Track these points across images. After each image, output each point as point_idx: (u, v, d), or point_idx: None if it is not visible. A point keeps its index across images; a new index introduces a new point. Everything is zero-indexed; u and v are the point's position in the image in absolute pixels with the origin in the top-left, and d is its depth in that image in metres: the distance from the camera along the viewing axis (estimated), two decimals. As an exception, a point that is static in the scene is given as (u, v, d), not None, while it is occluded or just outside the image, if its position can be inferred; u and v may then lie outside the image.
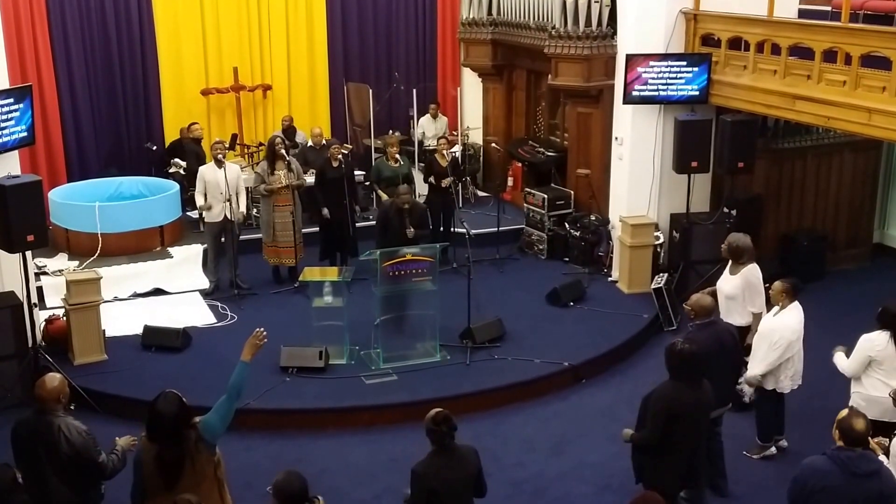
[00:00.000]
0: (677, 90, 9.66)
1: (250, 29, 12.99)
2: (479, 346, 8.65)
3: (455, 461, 4.90)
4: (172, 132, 12.49)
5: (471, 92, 13.68)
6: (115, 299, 9.69)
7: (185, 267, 10.48)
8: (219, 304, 9.74)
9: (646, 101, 9.81)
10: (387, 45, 13.86)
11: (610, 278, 10.43)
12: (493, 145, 12.85)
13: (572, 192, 11.29)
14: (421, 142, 12.79)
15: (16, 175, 7.74)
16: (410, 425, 7.44)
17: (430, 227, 10.04)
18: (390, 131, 13.08)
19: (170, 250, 10.71)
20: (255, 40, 13.05)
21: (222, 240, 9.99)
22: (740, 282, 7.34)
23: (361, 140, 13.21)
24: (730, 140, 9.41)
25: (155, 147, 12.38)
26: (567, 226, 11.01)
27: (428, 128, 12.92)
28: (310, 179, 10.63)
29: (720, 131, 9.64)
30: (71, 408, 5.32)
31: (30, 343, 7.96)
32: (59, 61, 11.66)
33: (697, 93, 9.63)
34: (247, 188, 10.48)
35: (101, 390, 7.87)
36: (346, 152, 11.18)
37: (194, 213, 11.28)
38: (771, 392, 6.87)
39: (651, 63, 9.61)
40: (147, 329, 8.80)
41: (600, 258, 10.66)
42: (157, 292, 10.01)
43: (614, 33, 10.44)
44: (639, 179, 10.09)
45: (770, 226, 10.55)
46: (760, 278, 7.37)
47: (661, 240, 10.19)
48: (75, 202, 10.82)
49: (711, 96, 9.64)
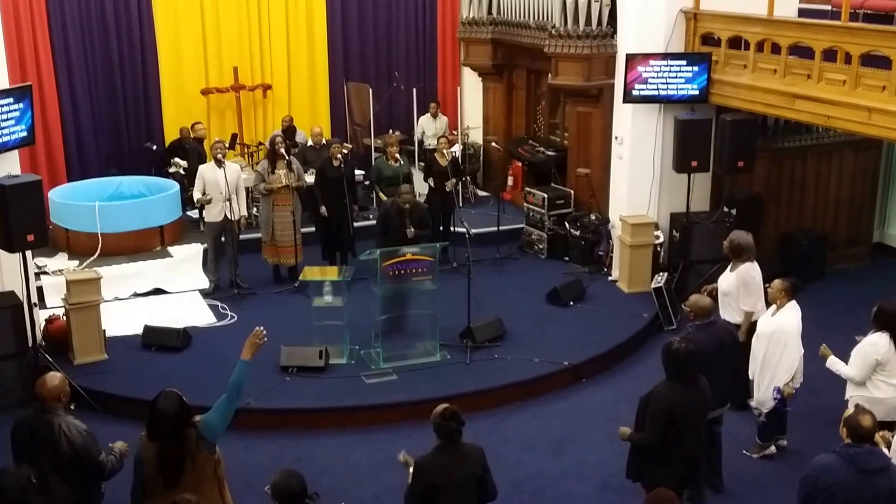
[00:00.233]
0: (677, 89, 9.66)
1: (250, 28, 12.99)
2: (479, 345, 8.66)
3: (459, 458, 4.88)
4: (172, 132, 12.49)
5: (471, 91, 13.68)
6: (116, 299, 9.69)
7: (185, 266, 10.48)
8: (219, 304, 9.75)
9: (646, 100, 9.81)
10: (387, 45, 13.86)
11: (610, 278, 10.43)
12: (493, 145, 12.84)
13: (572, 192, 11.29)
14: (421, 141, 12.80)
15: (16, 175, 7.74)
16: (410, 425, 7.45)
17: (431, 226, 10.03)
18: (390, 131, 13.08)
19: (170, 250, 10.71)
20: (255, 40, 13.05)
21: (222, 239, 9.99)
22: (736, 279, 7.37)
23: (361, 139, 13.21)
24: (730, 139, 9.41)
25: (155, 147, 12.37)
26: (567, 225, 11.02)
27: (428, 127, 12.92)
28: (310, 179, 10.63)
29: (720, 130, 9.63)
30: (71, 407, 5.32)
31: (30, 343, 7.96)
32: (59, 61, 11.66)
33: (697, 92, 9.64)
34: (246, 188, 10.48)
35: (102, 390, 7.88)
36: (346, 151, 11.18)
37: (194, 213, 11.28)
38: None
39: (651, 62, 9.61)
40: (147, 329, 8.80)
41: (600, 257, 10.66)
42: (158, 292, 10.02)
43: (614, 32, 10.44)
44: (639, 179, 10.09)
45: (770, 225, 10.54)
46: (756, 277, 7.37)
47: (661, 239, 10.20)
48: (75, 202, 10.82)
49: (711, 95, 9.64)
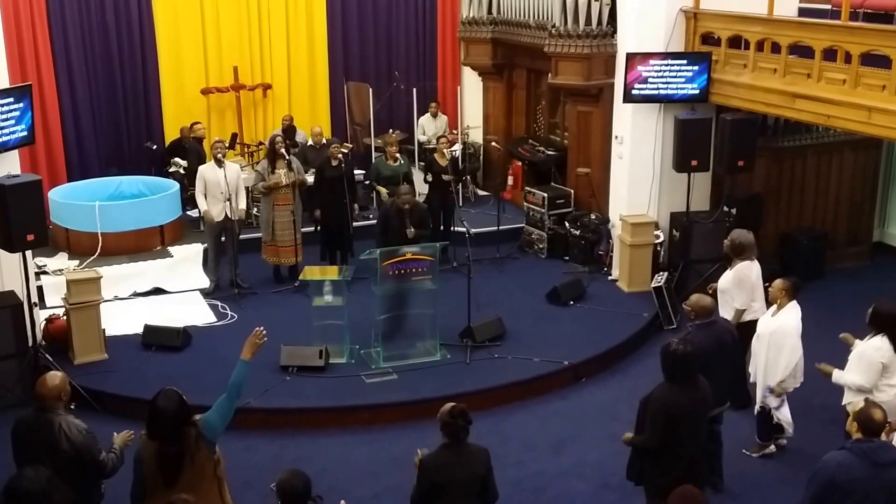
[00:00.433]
0: (677, 89, 9.66)
1: (250, 28, 12.99)
2: (479, 344, 8.65)
3: (464, 458, 4.87)
4: (172, 131, 12.49)
5: (471, 91, 13.68)
6: (116, 298, 9.70)
7: (185, 266, 10.48)
8: (219, 304, 9.75)
9: (646, 99, 9.81)
10: (387, 44, 13.86)
11: (610, 277, 10.43)
12: (494, 144, 12.84)
13: (572, 191, 11.29)
14: (421, 141, 12.79)
15: (16, 174, 7.74)
16: (410, 424, 7.46)
17: (431, 226, 10.02)
18: (390, 130, 13.08)
19: (170, 249, 10.71)
20: (255, 39, 13.05)
21: (222, 239, 9.99)
22: (732, 276, 7.39)
23: (362, 139, 13.21)
24: (730, 139, 9.41)
25: (155, 146, 12.38)
26: (567, 225, 11.02)
27: (428, 126, 12.92)
28: (310, 178, 10.63)
29: (720, 130, 9.63)
30: (72, 407, 5.31)
31: (30, 342, 7.97)
32: (59, 61, 11.67)
33: (697, 91, 9.64)
34: (246, 187, 10.48)
35: (102, 389, 7.88)
36: (345, 151, 11.18)
37: (194, 213, 11.28)
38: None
39: (651, 62, 9.61)
40: (147, 328, 8.80)
41: (600, 257, 10.66)
42: (158, 291, 10.02)
43: (614, 32, 10.44)
44: (639, 178, 10.09)
45: (770, 224, 10.54)
46: (752, 276, 7.37)
47: (660, 238, 10.20)
48: (75, 202, 10.83)
49: (711, 95, 9.64)
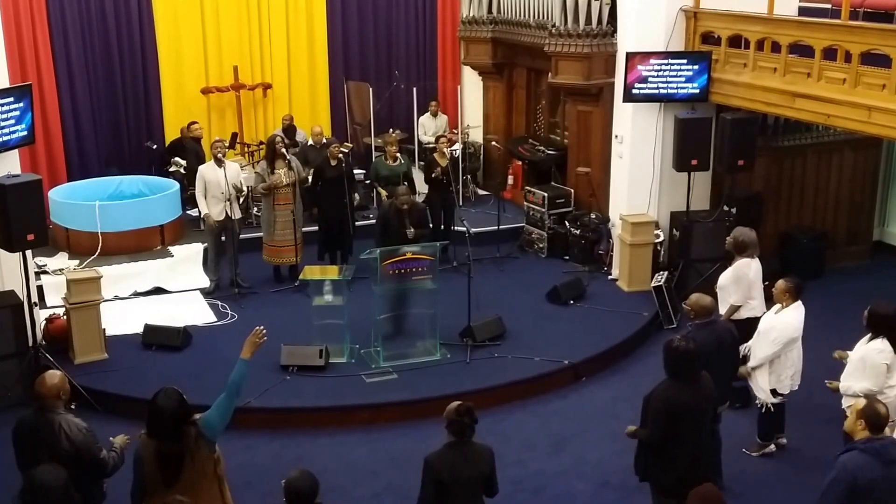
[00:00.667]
0: (677, 88, 9.66)
1: (250, 27, 12.98)
2: (480, 344, 8.65)
3: (468, 457, 4.87)
4: (173, 131, 12.49)
5: (471, 90, 13.67)
6: (116, 298, 9.70)
7: (185, 266, 10.49)
8: (219, 303, 9.75)
9: (646, 99, 9.81)
10: (387, 44, 13.86)
11: (610, 276, 10.43)
12: (494, 143, 12.85)
13: (572, 191, 11.29)
14: (423, 141, 12.79)
15: (16, 174, 7.74)
16: (411, 423, 7.47)
17: (431, 225, 10.03)
18: (390, 130, 13.08)
19: (170, 249, 10.71)
20: (256, 39, 13.05)
21: (223, 238, 9.98)
22: (731, 273, 7.40)
23: (362, 139, 13.21)
24: (730, 138, 9.40)
25: (155, 146, 12.38)
26: (567, 224, 11.01)
27: (428, 126, 12.92)
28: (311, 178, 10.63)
29: (720, 129, 9.63)
30: (72, 407, 5.32)
31: (30, 342, 7.97)
32: (59, 61, 11.66)
33: (697, 91, 9.63)
34: (247, 187, 10.48)
35: (102, 389, 7.88)
36: (345, 151, 11.17)
37: (195, 212, 11.28)
38: (771, 391, 6.87)
39: (651, 61, 9.61)
40: (147, 328, 8.80)
41: (600, 256, 10.66)
42: (158, 291, 10.02)
43: (614, 31, 10.44)
44: (639, 177, 10.09)
45: (770, 223, 10.53)
46: (750, 273, 7.37)
47: (661, 238, 10.20)
48: (75, 201, 10.82)
49: (711, 94, 9.63)
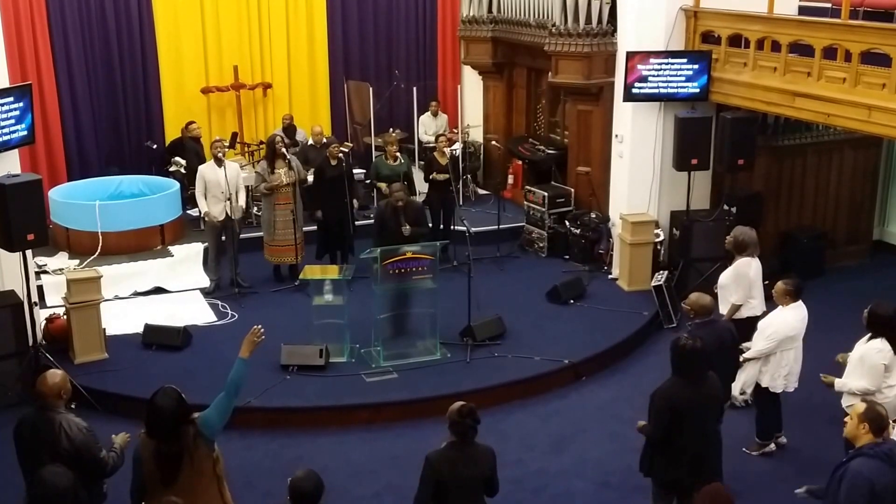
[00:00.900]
0: (677, 87, 9.65)
1: (250, 27, 12.98)
2: (480, 343, 8.65)
3: (470, 457, 4.87)
4: (173, 131, 12.48)
5: (471, 90, 13.67)
6: (116, 298, 9.70)
7: (185, 265, 10.49)
8: (219, 303, 9.75)
9: (646, 98, 9.81)
10: (387, 43, 13.85)
11: (610, 276, 10.43)
12: (494, 143, 12.85)
13: (572, 190, 11.29)
14: (424, 141, 12.79)
15: (16, 174, 7.73)
16: (411, 423, 7.47)
17: (430, 224, 10.01)
18: (391, 129, 13.08)
19: (170, 249, 10.71)
20: (256, 38, 13.04)
21: (223, 238, 9.98)
22: (731, 272, 7.40)
23: (362, 138, 13.21)
24: (730, 137, 9.41)
25: (155, 146, 12.38)
26: (567, 223, 11.01)
27: (428, 125, 12.92)
28: (311, 178, 10.63)
29: (720, 128, 9.63)
30: (72, 406, 5.31)
31: (30, 342, 7.97)
32: (59, 61, 11.66)
33: (698, 90, 9.63)
34: (246, 187, 10.48)
35: (102, 389, 7.88)
36: (346, 150, 11.17)
37: (195, 212, 11.28)
38: (765, 389, 6.87)
39: (651, 60, 9.61)
40: (148, 327, 8.80)
41: (600, 256, 10.66)
42: (158, 291, 10.02)
43: (614, 31, 10.44)
44: (639, 177, 10.09)
45: (770, 223, 10.52)
46: (750, 272, 7.38)
47: (661, 237, 10.19)
48: (76, 201, 10.82)
49: (711, 93, 9.63)
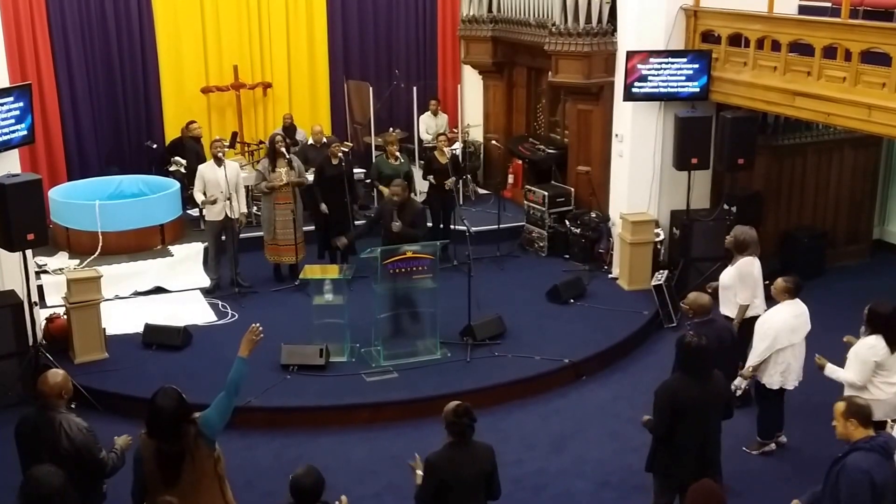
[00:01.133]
0: (677, 87, 9.65)
1: (250, 27, 12.98)
2: (480, 343, 8.66)
3: (470, 456, 4.88)
4: (173, 130, 12.49)
5: (471, 89, 13.67)
6: (116, 298, 9.70)
7: (185, 265, 10.49)
8: (219, 303, 9.75)
9: (646, 97, 9.81)
10: (387, 43, 13.86)
11: (610, 275, 10.43)
12: (494, 142, 12.85)
13: (573, 189, 11.29)
14: (421, 139, 12.79)
15: (16, 174, 7.73)
16: (411, 422, 7.47)
17: (429, 224, 9.98)
18: (391, 129, 13.08)
19: (170, 248, 10.72)
20: (256, 38, 13.04)
21: (223, 238, 9.98)
22: (735, 272, 7.39)
23: (362, 138, 13.21)
24: (730, 137, 9.41)
25: (155, 145, 12.39)
26: (567, 223, 11.02)
27: (429, 125, 12.92)
28: (311, 177, 10.63)
29: (720, 128, 9.63)
30: (72, 406, 5.32)
31: (30, 341, 7.97)
32: (59, 61, 11.66)
33: (698, 89, 9.63)
34: (246, 187, 10.48)
35: (102, 388, 7.89)
36: (346, 150, 11.17)
37: (195, 212, 11.29)
38: (762, 386, 6.87)
39: (651, 60, 9.61)
40: (148, 327, 8.80)
41: (601, 255, 10.67)
42: (158, 290, 10.02)
43: (614, 30, 10.44)
44: (639, 176, 10.09)
45: (770, 222, 10.53)
46: (755, 272, 7.38)
47: (661, 237, 10.20)
48: (76, 201, 10.82)
49: (711, 93, 9.63)
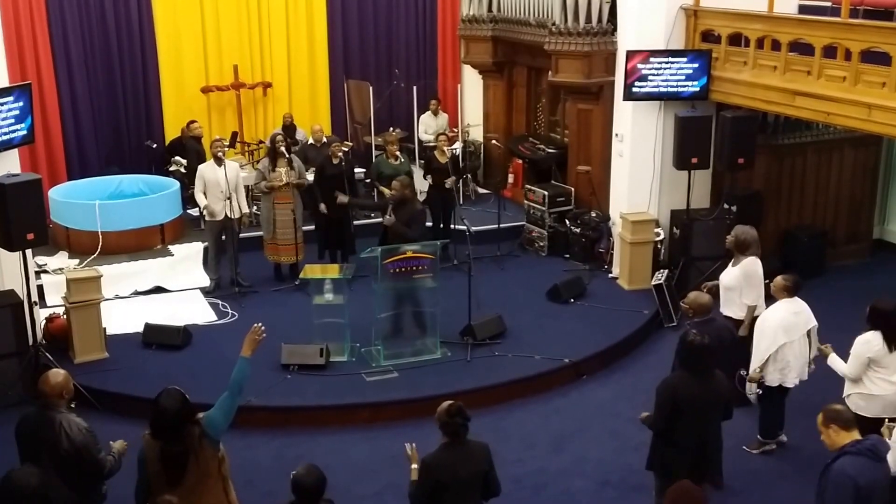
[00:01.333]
0: (677, 86, 9.65)
1: (250, 26, 12.99)
2: (480, 342, 8.65)
3: (466, 455, 4.88)
4: (173, 130, 12.49)
5: (471, 89, 13.68)
6: (116, 297, 9.70)
7: (185, 265, 10.49)
8: (219, 302, 9.75)
9: (646, 97, 9.80)
10: (387, 42, 13.86)
11: (610, 275, 10.43)
12: (494, 142, 12.85)
13: (573, 189, 11.29)
14: (421, 139, 12.79)
15: (16, 173, 7.73)
16: (411, 422, 7.46)
17: (429, 224, 9.99)
18: (391, 129, 13.08)
19: (170, 248, 10.72)
20: (256, 38, 13.05)
21: (223, 237, 9.98)
22: (739, 273, 7.37)
23: (362, 137, 13.22)
24: (730, 136, 9.40)
25: (155, 145, 12.39)
26: (567, 222, 11.02)
27: (429, 124, 12.92)
28: (311, 177, 10.63)
29: (720, 127, 9.63)
30: (72, 406, 5.32)
31: (30, 341, 7.97)
32: (59, 60, 11.67)
33: (698, 89, 9.63)
34: (246, 186, 10.47)
35: (102, 388, 7.89)
36: (346, 150, 11.17)
37: (195, 211, 11.29)
38: (762, 385, 6.87)
39: (651, 59, 9.60)
40: (148, 327, 8.80)
41: (601, 255, 10.67)
42: (158, 290, 10.02)
43: (614, 29, 10.44)
44: (639, 176, 10.09)
45: (770, 222, 10.52)
46: (759, 272, 7.38)
47: (661, 236, 10.20)
48: (75, 200, 10.83)
49: (711, 92, 9.63)
